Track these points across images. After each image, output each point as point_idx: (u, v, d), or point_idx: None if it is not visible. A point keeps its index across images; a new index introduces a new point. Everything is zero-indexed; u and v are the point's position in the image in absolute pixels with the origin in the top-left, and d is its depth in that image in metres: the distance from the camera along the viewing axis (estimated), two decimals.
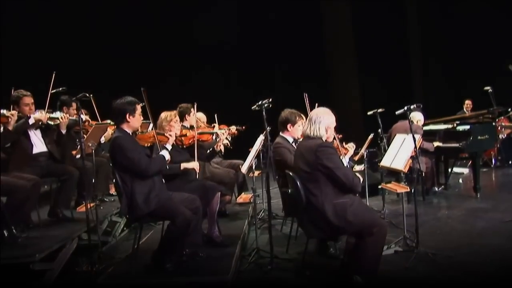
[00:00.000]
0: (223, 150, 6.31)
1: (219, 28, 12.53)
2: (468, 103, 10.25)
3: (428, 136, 7.31)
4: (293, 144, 4.80)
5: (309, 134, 3.88)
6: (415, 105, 4.56)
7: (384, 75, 13.27)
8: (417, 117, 6.96)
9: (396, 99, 7.04)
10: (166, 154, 4.27)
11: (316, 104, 5.13)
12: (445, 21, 13.52)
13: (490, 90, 7.71)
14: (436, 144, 7.15)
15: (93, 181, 4.96)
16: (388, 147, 5.25)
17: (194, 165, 4.79)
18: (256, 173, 5.26)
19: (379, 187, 5.87)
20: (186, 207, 4.11)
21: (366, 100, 12.22)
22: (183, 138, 5.03)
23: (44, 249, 3.92)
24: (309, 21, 13.41)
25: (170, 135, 4.69)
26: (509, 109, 9.08)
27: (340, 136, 5.70)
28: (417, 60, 14.56)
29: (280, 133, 4.90)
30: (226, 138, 6.66)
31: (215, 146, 5.47)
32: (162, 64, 12.01)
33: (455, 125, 7.43)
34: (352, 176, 3.78)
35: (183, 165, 4.74)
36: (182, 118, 5.69)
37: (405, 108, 4.50)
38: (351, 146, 4.92)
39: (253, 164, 4.97)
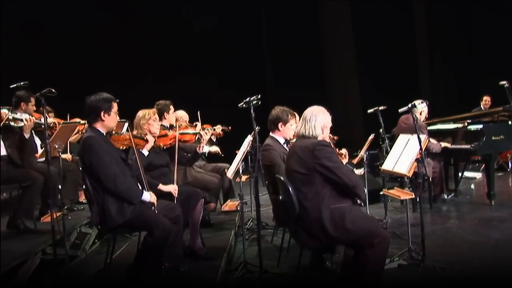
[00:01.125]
0: (210, 150, 6.33)
1: (203, 18, 12.60)
2: (486, 99, 10.26)
3: (436, 136, 7.34)
4: (285, 145, 4.84)
5: (304, 133, 3.93)
6: (420, 102, 4.62)
7: (387, 71, 13.36)
8: (420, 107, 6.82)
9: (401, 96, 7.10)
10: (147, 197, 4.12)
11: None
12: (454, 10, 13.66)
13: (507, 85, 7.74)
14: (444, 145, 7.16)
15: (60, 187, 4.95)
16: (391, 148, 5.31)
17: (172, 188, 4.75)
18: (244, 178, 5.28)
19: (381, 193, 5.92)
20: (165, 216, 4.12)
21: (366, 97, 12.32)
22: (162, 138, 5.05)
23: (2, 266, 3.88)
24: (303, 13, 13.51)
25: (148, 139, 4.70)
26: None
27: (336, 138, 5.78)
28: (424, 54, 14.65)
29: (270, 133, 4.93)
30: (211, 139, 6.69)
31: (197, 148, 5.49)
32: (141, 60, 12.05)
33: (466, 124, 7.43)
34: (356, 176, 3.87)
35: (161, 187, 4.72)
36: (160, 116, 5.68)
37: (409, 105, 4.55)
38: (344, 153, 4.97)
39: (240, 168, 4.99)
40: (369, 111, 6.06)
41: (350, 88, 13.56)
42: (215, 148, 6.88)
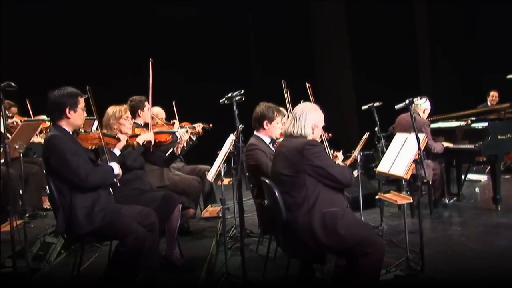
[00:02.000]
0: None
1: (181, 8, 12.62)
2: (493, 94, 10.33)
3: (436, 135, 7.37)
4: (270, 145, 4.85)
5: (292, 132, 3.95)
6: (418, 98, 4.64)
7: (384, 64, 13.40)
8: (423, 105, 6.96)
9: (399, 91, 7.13)
10: (115, 167, 4.21)
11: (302, 100, 5.21)
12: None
13: None
14: (446, 144, 7.19)
15: (21, 192, 4.91)
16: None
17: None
18: (226, 181, 5.28)
19: (376, 197, 5.95)
20: (140, 223, 4.11)
21: (361, 93, 12.35)
22: (136, 138, 5.02)
23: None
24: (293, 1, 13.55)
25: (120, 137, 4.69)
26: None
27: (330, 135, 5.79)
28: (424, 46, 14.71)
29: (255, 132, 4.95)
30: (190, 138, 6.68)
31: (175, 148, 5.47)
32: (117, 52, 12.02)
33: (469, 122, 7.46)
34: (350, 173, 3.94)
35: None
36: (134, 114, 5.67)
37: (407, 101, 4.57)
38: (337, 154, 4.99)
39: (222, 170, 5.01)
40: (363, 107, 6.07)
41: (343, 82, 13.53)
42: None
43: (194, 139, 6.86)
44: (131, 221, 4.07)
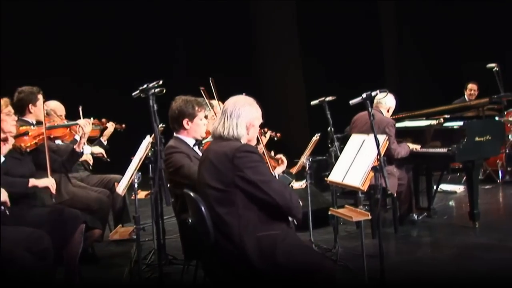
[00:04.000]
0: (92, 150, 6.24)
1: None
2: (472, 88, 10.56)
3: (403, 136, 7.40)
4: (195, 148, 4.83)
5: (222, 133, 3.91)
6: (378, 91, 4.67)
7: (342, 52, 13.56)
8: (387, 102, 7.05)
9: (360, 85, 7.18)
10: None
11: (244, 93, 5.20)
12: None
13: (497, 69, 7.90)
14: (412, 146, 7.22)
15: None
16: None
17: (48, 182, 4.75)
18: (142, 194, 5.21)
19: (329, 213, 5.97)
20: (28, 249, 4.05)
21: (312, 86, 12.46)
22: (22, 138, 4.92)
23: None
24: None
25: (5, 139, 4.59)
26: None
27: (279, 135, 5.78)
28: (390, 31, 14.98)
29: (175, 134, 4.92)
30: (100, 143, 6.60)
31: (75, 146, 5.37)
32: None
33: (442, 120, 7.53)
34: (290, 193, 3.84)
35: (33, 182, 4.70)
36: (23, 110, 5.60)
37: (364, 95, 4.59)
38: (280, 158, 4.99)
39: (136, 180, 4.95)
40: (312, 102, 6.10)
41: (290, 73, 13.62)
42: (98, 150, 6.78)
43: (105, 143, 6.79)
44: (15, 247, 3.98)
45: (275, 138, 5.48)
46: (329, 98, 5.99)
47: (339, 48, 13.46)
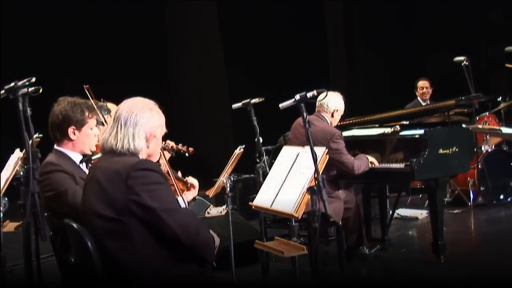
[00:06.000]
0: None
1: None
2: (423, 85, 10.73)
3: (351, 148, 7.28)
4: (82, 166, 4.75)
5: (114, 146, 3.83)
6: (315, 92, 4.66)
7: (278, 47, 13.69)
8: (331, 104, 6.97)
9: (299, 86, 7.19)
10: None
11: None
12: None
13: (466, 63, 8.01)
14: (371, 159, 7.13)
15: None
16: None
17: None
18: (10, 226, 5.11)
19: (255, 246, 5.91)
20: None
21: (236, 87, 12.53)
22: None
23: None
24: None
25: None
26: (499, 98, 9.58)
27: (191, 149, 5.72)
28: (336, 22, 15.20)
29: (55, 146, 4.81)
30: None
31: None
32: None
33: (398, 128, 7.47)
34: (198, 227, 3.79)
35: None
36: None
37: (297, 97, 4.58)
38: (191, 182, 4.96)
39: (1, 208, 4.81)
40: (234, 106, 6.09)
41: (210, 71, 13.71)
42: None
43: None
44: None
45: (187, 154, 5.38)
46: (255, 100, 5.98)
47: (270, 41, 13.58)
